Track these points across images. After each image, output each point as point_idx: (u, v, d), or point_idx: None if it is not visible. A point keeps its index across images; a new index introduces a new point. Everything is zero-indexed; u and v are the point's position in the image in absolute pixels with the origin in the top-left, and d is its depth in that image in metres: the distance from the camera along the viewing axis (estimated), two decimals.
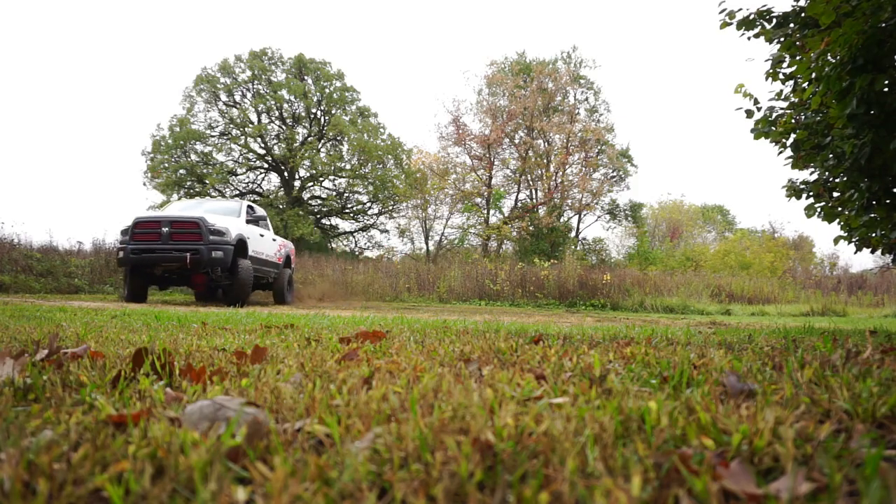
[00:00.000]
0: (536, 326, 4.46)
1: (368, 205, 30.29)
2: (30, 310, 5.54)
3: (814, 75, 4.01)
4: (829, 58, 3.85)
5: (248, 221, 10.80)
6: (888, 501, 0.68)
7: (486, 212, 28.84)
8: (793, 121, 5.04)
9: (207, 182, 27.38)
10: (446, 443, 0.86)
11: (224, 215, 10.37)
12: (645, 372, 1.71)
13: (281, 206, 27.39)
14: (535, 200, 29.04)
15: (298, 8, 58.49)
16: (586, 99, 29.80)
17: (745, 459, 0.89)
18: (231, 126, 28.40)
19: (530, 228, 26.65)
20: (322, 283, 16.74)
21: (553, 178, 28.68)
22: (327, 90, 29.13)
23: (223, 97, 28.56)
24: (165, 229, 9.24)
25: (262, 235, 11.27)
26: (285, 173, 28.84)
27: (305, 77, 28.97)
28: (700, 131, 71.29)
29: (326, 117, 29.46)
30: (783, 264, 26.58)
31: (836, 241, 5.06)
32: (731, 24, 4.77)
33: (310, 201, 29.45)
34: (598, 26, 60.41)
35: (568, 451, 0.87)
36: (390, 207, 30.08)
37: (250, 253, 10.36)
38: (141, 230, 9.30)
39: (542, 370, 1.70)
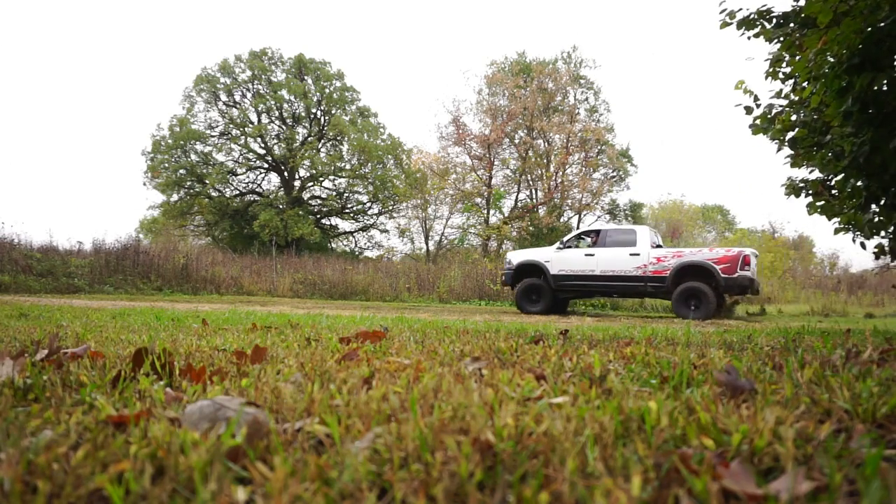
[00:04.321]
0: (536, 326, 4.47)
1: (368, 205, 30.29)
2: (30, 310, 5.54)
3: (812, 73, 4.01)
4: (827, 57, 3.85)
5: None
6: (888, 501, 0.68)
7: (486, 212, 28.84)
8: (792, 118, 5.04)
9: (207, 182, 27.38)
10: (446, 443, 0.86)
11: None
12: (645, 372, 1.71)
13: (281, 206, 27.40)
14: (535, 200, 29.03)
15: (298, 8, 58.52)
16: (586, 99, 29.78)
17: (746, 459, 0.89)
18: (231, 126, 28.40)
19: (530, 228, 26.64)
20: None
21: (553, 178, 28.67)
22: (327, 90, 29.12)
23: (223, 97, 28.56)
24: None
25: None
26: (285, 173, 28.84)
27: (305, 77, 28.97)
28: (700, 131, 71.31)
29: (326, 117, 29.45)
30: (783, 264, 26.55)
31: (836, 231, 5.05)
32: (732, 23, 4.77)
33: (310, 201, 29.45)
34: (598, 26, 60.45)
35: (568, 451, 0.87)
36: (390, 207, 30.08)
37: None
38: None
39: (542, 370, 1.70)
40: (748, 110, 5.27)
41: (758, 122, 5.21)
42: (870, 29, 3.55)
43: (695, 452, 0.85)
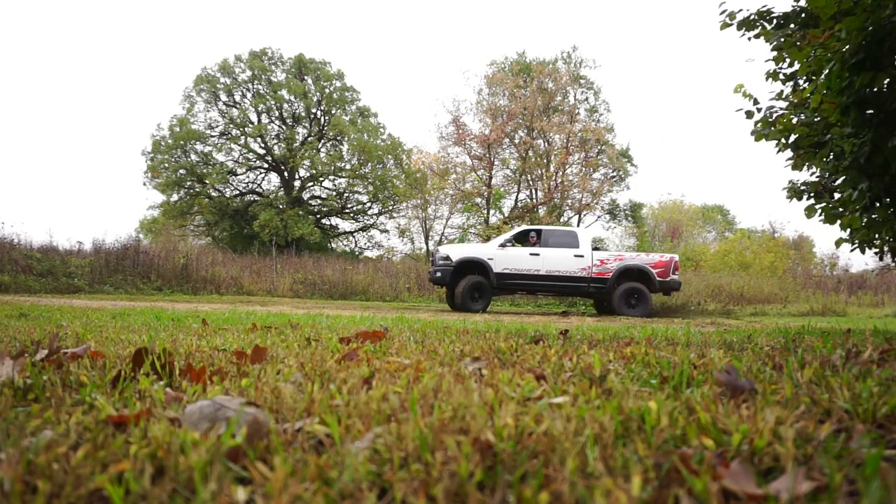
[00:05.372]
0: (536, 326, 4.47)
1: (368, 205, 30.29)
2: (30, 310, 5.55)
3: (811, 69, 4.00)
4: (827, 53, 3.84)
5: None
6: (888, 501, 0.68)
7: (486, 212, 28.83)
8: (793, 120, 5.03)
9: (207, 182, 27.38)
10: (446, 443, 0.86)
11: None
12: (645, 372, 1.71)
13: (281, 206, 27.39)
14: (535, 200, 29.02)
15: (298, 8, 58.57)
16: (586, 99, 29.77)
17: (746, 459, 0.89)
18: (231, 126, 28.40)
19: None
20: None
21: (553, 178, 28.65)
22: (327, 90, 29.12)
23: (223, 97, 28.56)
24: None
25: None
26: (285, 173, 28.83)
27: (305, 77, 28.96)
28: (700, 131, 71.35)
29: (326, 117, 29.45)
30: (783, 264, 26.53)
31: (838, 243, 5.01)
32: (732, 24, 4.77)
33: (310, 201, 29.45)
34: (598, 26, 60.50)
35: (568, 451, 0.87)
36: (390, 207, 30.08)
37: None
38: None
39: (542, 370, 1.70)
40: (749, 115, 5.24)
41: (759, 126, 5.18)
42: (871, 28, 3.55)
43: (695, 452, 0.85)
